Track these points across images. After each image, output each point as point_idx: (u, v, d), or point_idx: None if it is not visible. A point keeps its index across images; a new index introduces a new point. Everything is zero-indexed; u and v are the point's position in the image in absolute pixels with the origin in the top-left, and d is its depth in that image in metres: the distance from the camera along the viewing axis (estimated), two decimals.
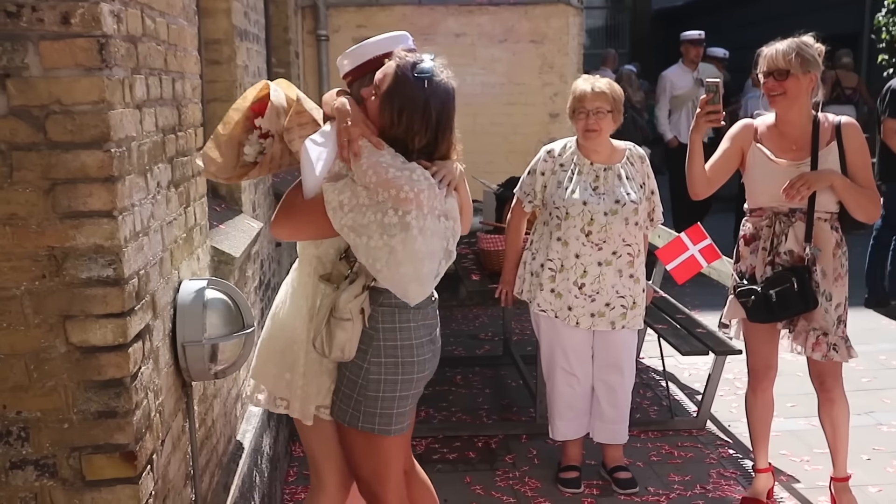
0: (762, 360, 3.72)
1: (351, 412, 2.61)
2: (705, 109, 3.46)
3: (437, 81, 2.49)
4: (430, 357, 2.69)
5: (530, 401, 5.00)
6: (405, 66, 2.48)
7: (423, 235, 2.39)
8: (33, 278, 1.88)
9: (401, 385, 2.61)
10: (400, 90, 2.46)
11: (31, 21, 1.80)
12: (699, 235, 3.84)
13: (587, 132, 3.79)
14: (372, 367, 2.58)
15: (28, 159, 1.84)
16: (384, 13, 7.48)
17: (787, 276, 3.45)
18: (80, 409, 1.93)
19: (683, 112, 8.60)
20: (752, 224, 3.63)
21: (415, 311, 2.60)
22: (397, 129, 2.48)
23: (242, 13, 3.92)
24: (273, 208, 4.66)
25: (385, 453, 2.67)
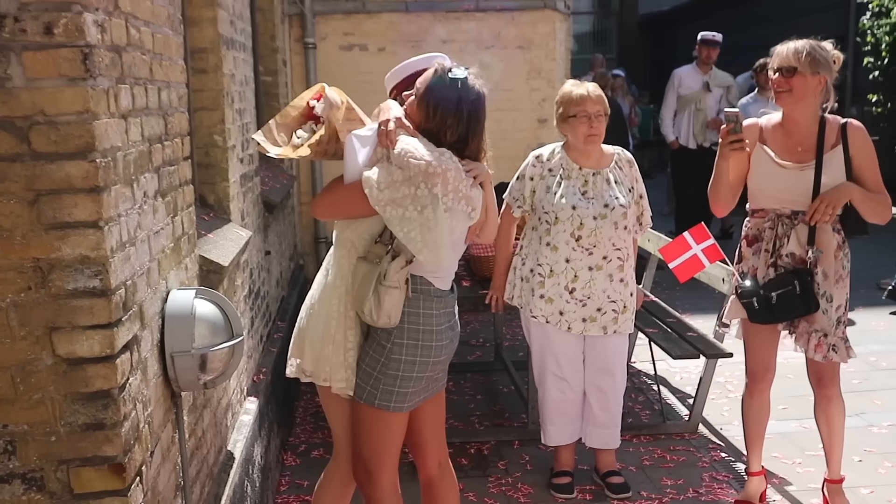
0: (761, 362, 3.72)
1: (369, 389, 2.85)
2: (728, 139, 3.44)
3: (470, 84, 2.80)
4: (448, 343, 2.94)
5: (522, 406, 4.99)
6: (442, 69, 2.82)
7: (448, 210, 2.68)
8: (19, 290, 1.87)
9: (418, 367, 2.85)
10: (436, 89, 2.78)
11: (14, 32, 1.79)
12: (702, 235, 3.85)
13: (590, 136, 3.78)
14: (395, 348, 2.82)
15: (12, 170, 1.83)
16: (371, 20, 7.47)
17: (789, 278, 3.45)
18: (67, 421, 1.92)
19: (686, 114, 8.63)
20: (755, 225, 3.63)
21: (437, 299, 2.87)
22: (431, 123, 2.78)
23: (228, 22, 3.91)
24: (262, 217, 4.65)
25: (389, 430, 2.89)
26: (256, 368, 4.15)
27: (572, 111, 3.78)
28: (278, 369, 4.51)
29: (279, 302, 5.35)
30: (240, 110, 4.13)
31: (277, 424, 4.39)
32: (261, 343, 4.37)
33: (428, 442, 3.10)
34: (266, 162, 5.81)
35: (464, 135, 2.79)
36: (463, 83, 2.78)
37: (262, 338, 4.45)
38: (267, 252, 4.81)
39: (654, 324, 5.09)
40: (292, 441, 4.76)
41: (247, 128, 4.35)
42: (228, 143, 3.76)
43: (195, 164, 3.53)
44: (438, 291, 2.88)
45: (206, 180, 3.69)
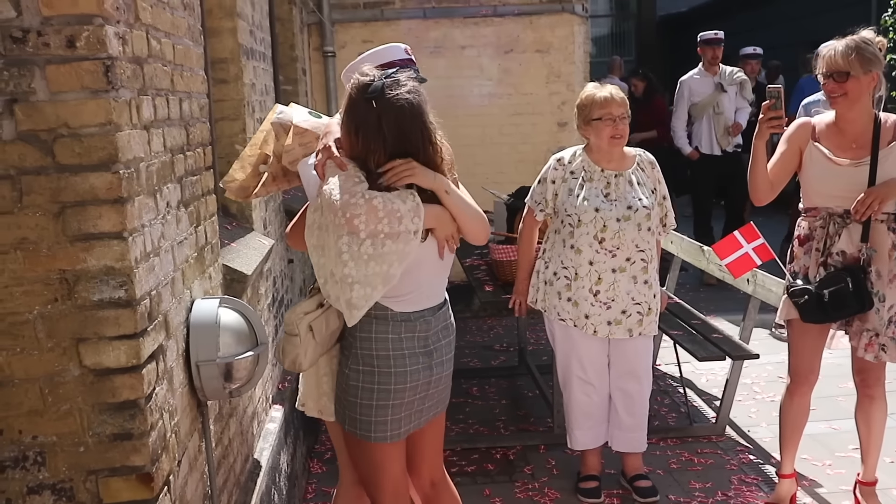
0: (806, 364, 3.65)
1: (342, 415, 2.75)
2: (768, 115, 3.40)
3: (389, 98, 2.52)
4: (421, 370, 2.69)
5: (547, 411, 4.97)
6: (357, 86, 2.57)
7: (355, 261, 2.49)
8: (45, 302, 1.88)
9: (377, 394, 2.66)
10: (353, 111, 2.56)
11: (37, 46, 1.81)
12: (752, 235, 3.90)
13: (614, 139, 3.76)
14: (351, 374, 2.69)
15: (37, 183, 1.85)
16: (389, 28, 7.49)
17: (842, 275, 3.39)
18: (95, 431, 1.93)
19: (704, 120, 7.94)
20: (807, 224, 3.57)
21: (396, 322, 2.65)
22: (357, 150, 2.57)
23: (248, 32, 3.93)
24: (284, 225, 4.67)
25: (372, 458, 2.75)
26: (281, 376, 4.16)
27: (597, 114, 3.76)
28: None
29: None
30: (261, 119, 4.15)
31: (303, 432, 4.39)
32: None
33: (417, 467, 2.94)
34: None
35: (397, 153, 2.55)
36: (378, 100, 2.51)
37: None
38: (290, 260, 4.83)
39: (679, 326, 5.05)
40: (318, 448, 4.77)
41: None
42: None
43: (217, 174, 3.55)
44: (400, 315, 2.65)
45: None
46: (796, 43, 8.26)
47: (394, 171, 2.54)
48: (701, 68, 8.00)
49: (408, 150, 2.56)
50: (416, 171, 2.57)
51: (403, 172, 2.55)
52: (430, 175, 2.60)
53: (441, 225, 2.64)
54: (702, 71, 7.99)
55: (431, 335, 2.73)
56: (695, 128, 8.05)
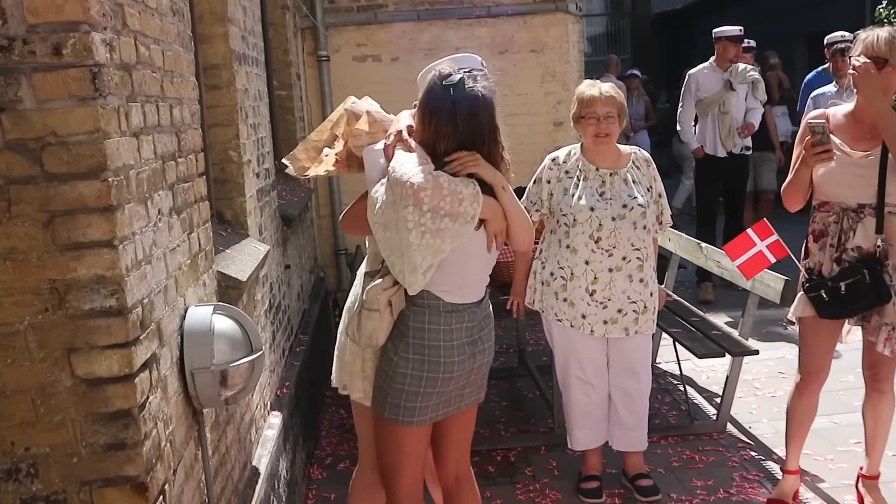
0: (816, 361, 3.63)
1: (380, 401, 2.85)
2: (815, 150, 3.32)
3: (465, 89, 2.69)
4: (467, 359, 2.84)
5: (548, 411, 4.96)
6: (438, 76, 2.75)
7: (417, 229, 2.61)
8: (36, 312, 1.87)
9: (426, 382, 2.79)
10: (430, 98, 2.73)
11: (23, 54, 1.79)
12: (766, 231, 3.80)
13: (598, 137, 3.76)
14: (400, 362, 2.79)
15: (26, 192, 1.83)
16: (383, 30, 7.48)
17: (858, 268, 3.35)
18: (88, 442, 1.91)
19: (710, 119, 7.41)
20: (821, 220, 3.53)
21: (448, 313, 2.79)
22: (428, 134, 2.73)
23: (240, 37, 3.92)
24: (280, 231, 4.66)
25: (401, 444, 2.86)
26: (279, 382, 4.14)
27: (583, 112, 3.77)
28: (301, 383, 4.51)
29: (301, 315, 5.35)
30: (254, 125, 4.14)
31: (303, 438, 4.38)
32: (283, 357, 4.37)
33: (445, 455, 3.07)
34: (283, 176, 5.82)
35: (465, 142, 2.70)
36: (456, 88, 2.69)
37: (285, 352, 4.45)
38: (286, 266, 4.81)
39: (678, 323, 5.04)
40: (318, 454, 4.75)
41: (262, 142, 4.36)
42: (244, 158, 3.76)
43: (211, 180, 3.54)
44: (450, 306, 2.79)
45: (223, 196, 3.70)
46: (791, 36, 8.22)
47: (460, 160, 2.70)
48: (712, 62, 7.51)
49: (475, 141, 2.72)
50: (480, 163, 2.73)
51: (469, 162, 2.71)
52: (491, 170, 2.75)
53: (494, 218, 2.78)
54: (712, 65, 7.50)
55: (476, 325, 2.88)
56: (699, 125, 7.61)
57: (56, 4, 1.78)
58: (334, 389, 3.15)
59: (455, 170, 2.69)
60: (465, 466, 3.12)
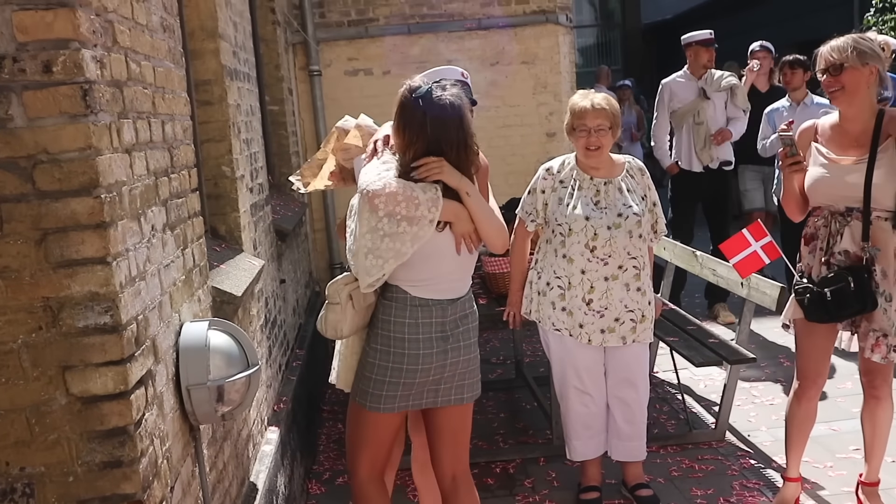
0: (813, 366, 3.62)
1: (354, 385, 3.07)
2: (787, 163, 3.44)
3: (433, 98, 2.84)
4: (434, 353, 2.94)
5: (546, 422, 4.94)
6: (407, 88, 2.91)
7: (372, 234, 2.79)
8: (30, 331, 1.86)
9: (391, 372, 2.94)
10: (401, 110, 2.89)
11: (13, 72, 1.79)
12: (760, 233, 3.89)
13: (588, 150, 3.76)
14: (370, 351, 2.99)
15: (18, 210, 1.83)
16: (374, 44, 7.49)
17: (843, 275, 3.36)
18: (84, 460, 1.90)
19: (684, 130, 6.89)
20: (812, 224, 3.56)
21: (414, 307, 2.93)
22: (402, 144, 2.88)
23: (231, 53, 3.92)
24: (275, 246, 4.65)
25: (366, 427, 3.05)
26: (276, 398, 4.13)
27: (574, 124, 3.78)
28: (299, 398, 4.50)
29: (297, 330, 5.33)
30: (247, 140, 4.14)
31: (300, 453, 4.36)
32: (280, 372, 4.35)
33: (440, 456, 3.14)
34: (277, 191, 5.82)
35: (433, 149, 2.84)
36: (424, 99, 2.83)
37: (281, 366, 4.43)
38: (282, 280, 4.80)
39: (675, 332, 5.03)
40: (316, 469, 4.73)
41: (255, 157, 4.35)
42: (237, 173, 3.76)
43: (204, 196, 3.53)
44: (418, 300, 2.93)
45: (217, 211, 3.69)
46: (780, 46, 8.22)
47: (425, 167, 2.84)
48: (686, 71, 7.01)
49: (442, 148, 2.85)
50: (443, 170, 2.86)
51: (433, 169, 2.85)
52: (456, 176, 2.89)
53: (459, 221, 2.92)
54: (686, 74, 7.00)
55: (449, 321, 2.98)
56: (675, 139, 7.04)
57: (45, 22, 1.78)
58: (332, 404, 3.22)
59: (420, 176, 2.84)
60: (462, 468, 3.16)
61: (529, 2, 7.63)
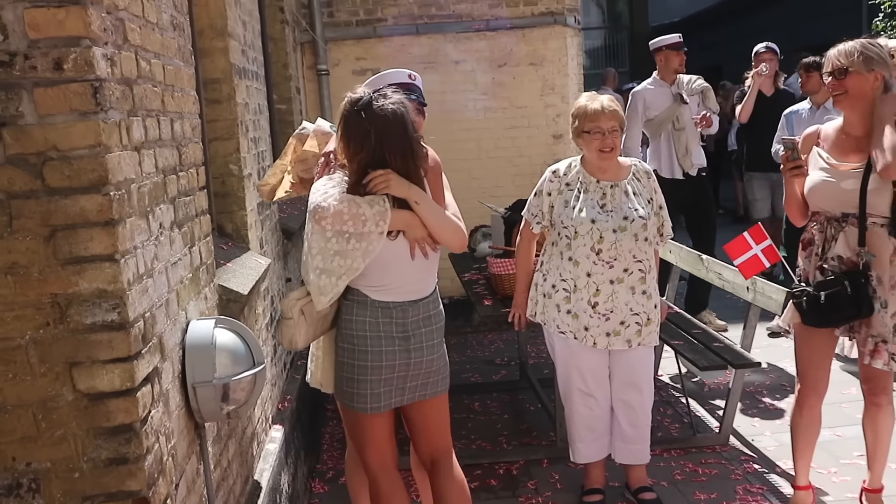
0: (812, 372, 3.61)
1: (339, 389, 3.13)
2: (788, 166, 3.46)
3: (374, 109, 2.87)
4: (397, 351, 3.01)
5: (550, 424, 4.94)
6: (348, 100, 2.94)
7: (322, 255, 2.88)
8: (37, 327, 1.87)
9: (357, 370, 3.02)
10: (344, 122, 2.92)
11: (25, 69, 1.80)
12: (760, 236, 3.94)
13: (603, 152, 3.75)
14: (338, 350, 3.08)
15: (27, 207, 1.83)
16: (382, 44, 7.50)
17: (839, 279, 3.37)
18: (90, 457, 1.91)
19: (663, 139, 6.63)
20: (809, 229, 3.57)
21: (375, 308, 3.00)
22: (348, 155, 2.92)
23: (240, 51, 3.93)
24: (281, 244, 4.65)
25: (359, 426, 3.12)
26: (281, 396, 4.13)
27: (586, 126, 3.75)
28: (303, 396, 4.50)
29: None
30: (255, 139, 4.15)
31: (304, 452, 4.36)
32: (284, 370, 4.36)
33: (416, 444, 3.28)
34: None
35: (378, 159, 2.87)
36: (366, 109, 2.86)
37: (286, 365, 4.44)
38: (287, 279, 4.81)
39: (680, 336, 5.03)
40: (320, 468, 4.74)
41: (262, 156, 4.36)
42: (244, 171, 3.77)
43: (212, 194, 3.54)
44: (378, 303, 2.99)
45: (224, 209, 3.70)
46: (788, 50, 8.19)
47: (373, 182, 2.88)
48: (656, 77, 6.74)
49: (387, 159, 2.88)
50: (391, 183, 2.89)
51: (380, 183, 2.88)
52: (404, 186, 2.91)
53: (410, 228, 2.96)
54: (657, 80, 6.72)
55: (410, 322, 3.04)
56: (651, 147, 6.75)
57: (57, 20, 1.78)
58: (335, 402, 3.24)
59: (369, 191, 2.88)
60: (441, 451, 3.25)
61: (538, 3, 7.64)
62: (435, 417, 3.23)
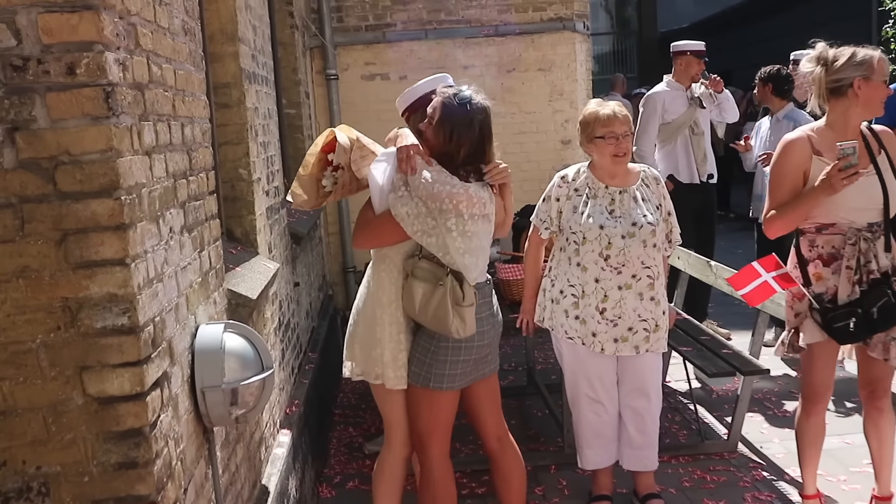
0: (823, 382, 3.58)
1: (423, 374, 3.25)
2: (848, 174, 3.22)
3: (476, 103, 3.16)
4: (489, 329, 3.34)
5: (557, 430, 4.94)
6: (449, 96, 3.16)
7: (462, 237, 3.07)
8: (48, 330, 1.87)
9: (464, 351, 3.25)
10: (449, 115, 3.12)
11: (38, 73, 1.80)
12: (772, 265, 3.64)
13: (617, 157, 3.75)
14: (439, 337, 3.21)
15: (39, 211, 1.84)
16: (391, 49, 7.52)
17: (881, 290, 3.32)
18: (99, 461, 1.91)
19: (679, 143, 6.54)
20: (827, 242, 3.44)
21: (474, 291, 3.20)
22: (449, 146, 3.12)
23: (250, 56, 3.94)
24: (290, 249, 4.66)
25: (438, 408, 3.29)
26: (289, 400, 4.13)
27: (599, 132, 3.73)
28: (311, 401, 4.50)
29: (310, 333, 5.34)
30: (264, 143, 4.15)
31: (312, 456, 4.36)
32: (292, 375, 4.36)
33: (485, 421, 3.49)
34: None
35: (479, 148, 3.16)
36: (471, 103, 3.14)
37: (294, 369, 4.44)
38: (296, 283, 4.81)
39: (688, 342, 5.02)
40: (327, 473, 4.73)
41: (272, 160, 4.37)
42: (254, 176, 3.77)
43: (221, 198, 3.55)
44: (477, 285, 3.23)
45: (233, 214, 3.71)
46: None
47: (498, 172, 3.21)
48: (671, 80, 6.67)
49: (486, 147, 3.20)
50: (509, 174, 3.26)
51: (503, 173, 3.23)
52: (505, 171, 3.25)
53: (498, 214, 3.28)
54: (673, 83, 6.65)
55: (488, 300, 3.36)
56: (666, 151, 6.61)
57: (70, 24, 1.79)
58: (343, 407, 3.27)
59: (493, 181, 3.19)
60: (503, 429, 3.54)
61: (547, 9, 7.65)
62: (497, 393, 3.55)
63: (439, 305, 3.13)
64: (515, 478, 3.54)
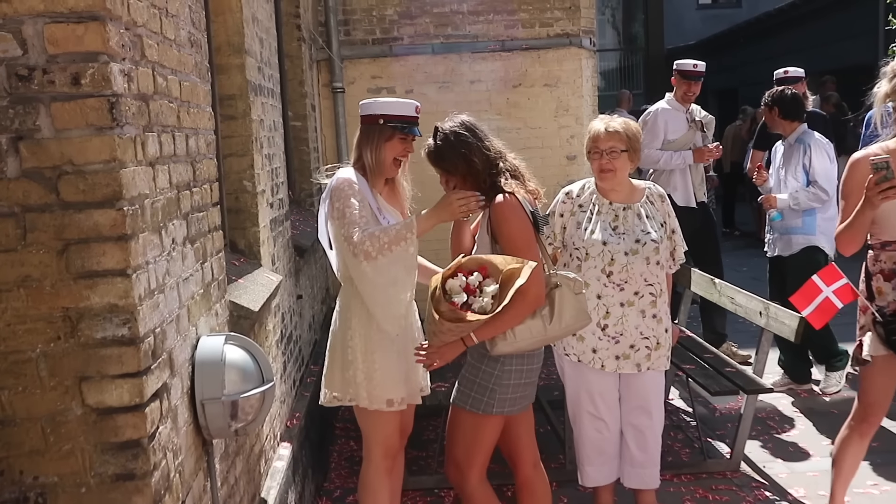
0: (882, 401, 3.53)
1: (486, 400, 3.29)
2: (882, 187, 3.16)
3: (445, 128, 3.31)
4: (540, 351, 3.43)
5: (559, 447, 4.91)
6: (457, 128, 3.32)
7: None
8: (48, 340, 1.87)
9: (526, 374, 3.33)
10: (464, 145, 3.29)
11: (43, 83, 1.81)
12: (833, 276, 3.60)
13: (602, 172, 3.76)
14: (506, 360, 3.27)
15: (41, 220, 1.84)
16: (398, 63, 7.54)
17: None
18: (97, 472, 1.90)
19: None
20: (889, 258, 3.42)
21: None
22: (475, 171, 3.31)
23: (256, 68, 3.95)
24: (293, 261, 4.65)
25: (493, 432, 3.35)
26: (290, 413, 4.12)
27: (588, 147, 3.80)
28: (312, 414, 4.49)
29: (312, 346, 5.33)
30: (269, 155, 4.16)
31: (312, 470, 4.34)
32: (294, 388, 4.35)
33: (525, 446, 3.54)
34: (297, 206, 5.84)
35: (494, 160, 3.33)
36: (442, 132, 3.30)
37: (295, 382, 4.43)
38: (299, 296, 4.81)
39: (692, 360, 4.99)
40: (327, 486, 4.71)
41: (276, 173, 4.37)
42: (258, 188, 3.77)
43: (225, 210, 3.55)
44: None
45: (237, 225, 3.71)
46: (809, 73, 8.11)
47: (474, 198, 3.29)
48: (672, 99, 6.54)
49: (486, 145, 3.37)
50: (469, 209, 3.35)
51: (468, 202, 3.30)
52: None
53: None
54: (674, 103, 6.52)
55: None
56: (664, 174, 6.46)
57: (76, 35, 1.80)
58: (344, 421, 3.24)
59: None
60: (538, 453, 3.62)
61: (553, 25, 7.66)
62: (533, 418, 3.60)
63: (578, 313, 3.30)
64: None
